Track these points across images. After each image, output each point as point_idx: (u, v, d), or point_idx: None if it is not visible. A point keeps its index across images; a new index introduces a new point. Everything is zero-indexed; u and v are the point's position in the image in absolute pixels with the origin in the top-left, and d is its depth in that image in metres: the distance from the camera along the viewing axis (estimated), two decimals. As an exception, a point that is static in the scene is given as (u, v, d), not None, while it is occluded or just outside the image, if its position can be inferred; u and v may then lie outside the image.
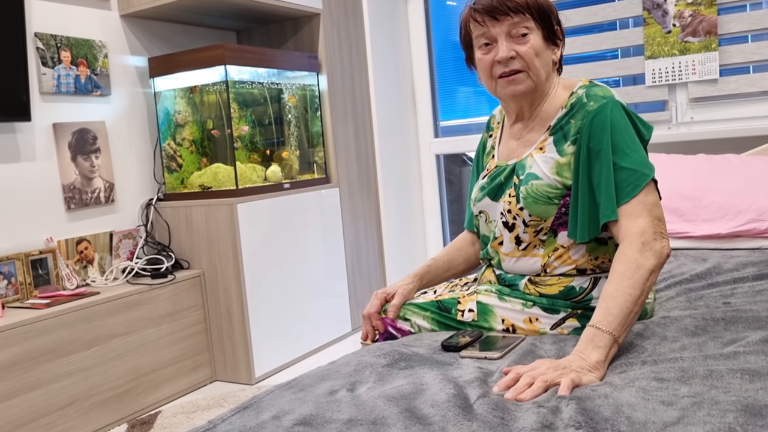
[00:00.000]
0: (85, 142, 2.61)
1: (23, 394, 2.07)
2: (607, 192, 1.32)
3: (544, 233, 1.41)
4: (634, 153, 1.33)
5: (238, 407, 1.14)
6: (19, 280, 2.35)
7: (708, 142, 2.90)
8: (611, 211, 1.31)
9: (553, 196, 1.38)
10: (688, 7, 2.86)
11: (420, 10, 3.71)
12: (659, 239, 1.28)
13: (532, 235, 1.41)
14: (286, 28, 3.26)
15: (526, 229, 1.42)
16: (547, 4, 1.41)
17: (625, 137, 1.34)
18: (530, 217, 1.40)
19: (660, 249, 1.27)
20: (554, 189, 1.37)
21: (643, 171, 1.32)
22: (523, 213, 1.41)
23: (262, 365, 2.73)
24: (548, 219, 1.39)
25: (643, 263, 1.25)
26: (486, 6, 1.39)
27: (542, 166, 1.39)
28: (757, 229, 2.20)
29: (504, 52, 1.38)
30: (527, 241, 1.42)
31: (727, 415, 0.93)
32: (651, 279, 1.26)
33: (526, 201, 1.39)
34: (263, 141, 3.00)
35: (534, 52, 1.38)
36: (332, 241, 3.15)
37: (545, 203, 1.38)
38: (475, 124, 3.68)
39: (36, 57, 2.45)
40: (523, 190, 1.40)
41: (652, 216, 1.30)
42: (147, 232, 2.83)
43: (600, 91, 1.39)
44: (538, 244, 1.42)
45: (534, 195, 1.38)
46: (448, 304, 1.51)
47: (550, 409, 1.01)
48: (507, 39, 1.39)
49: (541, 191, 1.38)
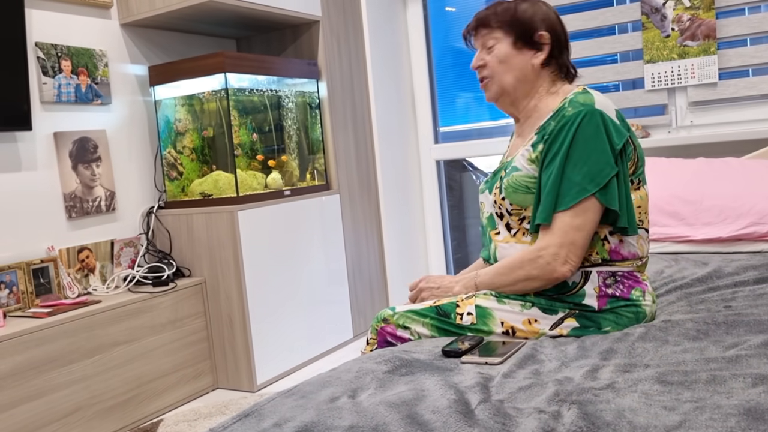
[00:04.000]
0: (85, 150, 2.62)
1: (25, 404, 2.07)
2: (547, 198, 1.42)
3: (527, 222, 1.50)
4: (586, 164, 1.40)
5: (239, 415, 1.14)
6: (21, 289, 2.35)
7: (708, 146, 2.90)
8: (544, 216, 1.43)
9: (530, 186, 1.48)
10: (686, 11, 2.86)
11: (419, 16, 3.72)
12: (555, 262, 1.40)
13: (517, 223, 1.51)
14: (285, 36, 3.26)
15: (511, 217, 1.52)
16: (523, 14, 1.54)
17: (585, 147, 1.40)
18: (511, 206, 1.51)
19: (548, 271, 1.41)
20: (531, 179, 1.47)
21: (585, 186, 1.40)
22: (505, 202, 1.51)
23: (263, 372, 2.72)
24: (528, 208, 1.49)
25: (527, 272, 1.44)
26: (467, 27, 1.62)
27: (521, 160, 1.51)
28: (758, 233, 2.20)
29: (474, 62, 1.59)
30: (515, 228, 1.52)
31: (729, 419, 0.93)
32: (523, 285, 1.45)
33: (507, 191, 1.51)
34: (263, 148, 3.01)
35: (497, 60, 1.54)
36: (333, 247, 3.15)
37: (523, 192, 1.48)
38: (475, 130, 3.68)
39: (37, 66, 2.46)
40: (506, 181, 1.51)
41: (566, 239, 1.40)
42: (148, 240, 2.83)
43: (582, 99, 1.45)
44: (525, 231, 1.51)
45: (513, 185, 1.49)
46: (447, 309, 1.52)
47: (552, 414, 1.01)
48: (481, 50, 1.58)
49: (520, 181, 1.49)
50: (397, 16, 3.69)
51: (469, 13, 3.62)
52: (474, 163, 3.84)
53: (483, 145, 3.59)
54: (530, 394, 1.12)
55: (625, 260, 1.47)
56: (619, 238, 1.47)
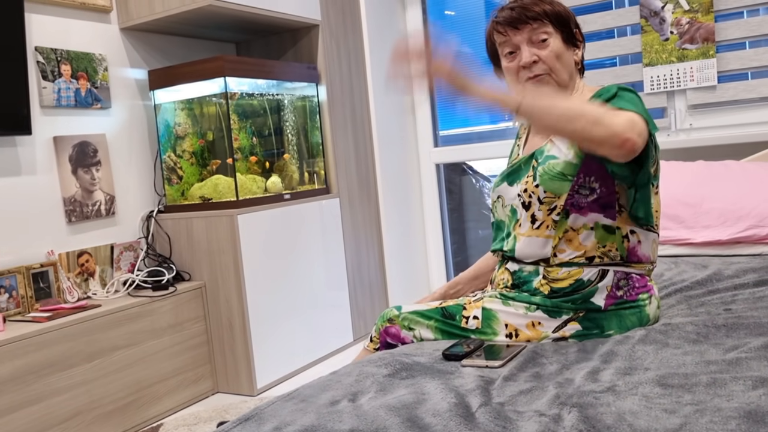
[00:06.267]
0: (85, 155, 2.62)
1: (25, 408, 2.07)
2: None
3: (557, 213, 1.45)
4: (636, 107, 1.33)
5: (239, 419, 1.13)
6: (21, 293, 2.35)
7: (707, 149, 2.90)
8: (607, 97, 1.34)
9: (567, 173, 1.44)
10: (685, 15, 2.87)
11: (419, 19, 3.73)
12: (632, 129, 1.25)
13: (545, 213, 1.47)
14: (285, 40, 3.27)
15: (540, 206, 1.47)
16: (564, 9, 1.51)
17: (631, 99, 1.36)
18: (545, 194, 1.46)
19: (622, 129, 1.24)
20: (569, 165, 1.44)
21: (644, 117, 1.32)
22: (539, 190, 1.47)
23: (263, 376, 2.72)
24: (562, 196, 1.45)
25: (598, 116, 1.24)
26: (507, 18, 1.50)
27: (560, 145, 1.47)
28: (758, 236, 2.20)
29: (527, 57, 1.48)
30: (541, 220, 1.47)
31: (729, 422, 0.93)
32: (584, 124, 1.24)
33: (542, 178, 1.46)
34: (263, 152, 3.01)
35: (554, 55, 1.48)
36: (333, 251, 3.15)
37: (560, 179, 1.44)
38: (475, 133, 3.68)
39: (36, 70, 2.46)
40: (540, 169, 1.47)
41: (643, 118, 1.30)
42: (148, 244, 2.83)
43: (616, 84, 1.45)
44: (550, 224, 1.46)
45: (550, 172, 1.46)
46: (453, 311, 1.51)
47: (552, 417, 1.01)
48: (529, 45, 1.49)
49: (557, 168, 1.45)
50: (397, 19, 3.69)
51: (468, 17, 3.63)
52: (474, 167, 3.85)
53: (483, 148, 3.59)
54: (531, 397, 1.12)
55: (640, 262, 1.48)
56: (638, 238, 1.47)
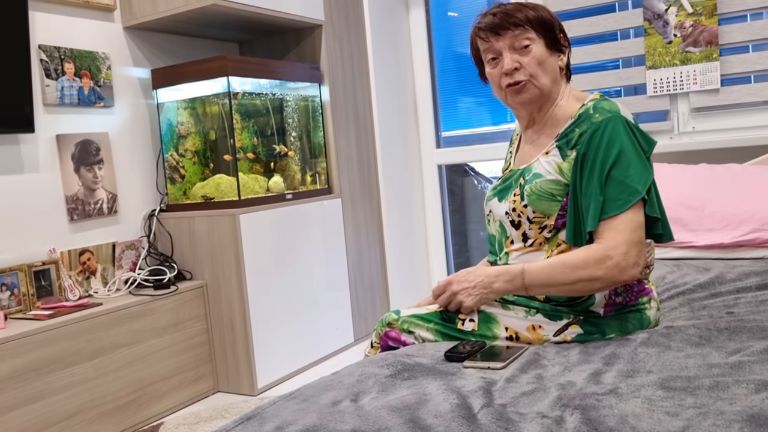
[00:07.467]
0: (88, 153, 2.62)
1: (26, 406, 2.07)
2: (595, 203, 1.37)
3: (548, 231, 1.45)
4: (630, 167, 1.37)
5: (240, 418, 1.13)
6: (22, 291, 2.35)
7: (710, 152, 2.90)
8: (594, 222, 1.37)
9: (556, 193, 1.43)
10: (689, 18, 2.86)
11: (422, 20, 3.73)
12: (626, 263, 1.34)
13: (537, 232, 1.46)
14: (288, 40, 3.27)
15: (531, 225, 1.46)
16: (548, 14, 1.49)
17: (623, 151, 1.37)
18: (534, 214, 1.45)
19: (617, 272, 1.34)
20: (557, 186, 1.43)
21: (636, 187, 1.36)
22: (527, 210, 1.46)
23: (264, 376, 2.72)
24: (551, 216, 1.44)
25: (591, 272, 1.35)
26: (489, 23, 1.48)
27: (546, 166, 1.45)
28: (760, 239, 2.20)
29: (508, 64, 1.47)
30: (533, 238, 1.47)
31: (732, 425, 0.93)
32: (583, 286, 1.36)
33: (530, 198, 1.45)
34: (265, 152, 3.01)
35: (537, 62, 1.46)
36: (334, 251, 3.15)
37: (548, 200, 1.43)
38: (476, 135, 3.68)
39: (40, 69, 2.47)
40: (528, 188, 1.47)
41: (634, 237, 1.35)
42: (149, 243, 2.83)
43: (608, 105, 1.44)
44: (543, 241, 1.46)
45: (537, 192, 1.44)
46: (452, 314, 1.51)
47: (555, 419, 1.01)
48: (511, 51, 1.47)
49: (545, 188, 1.44)
50: (400, 20, 3.69)
51: (472, 18, 3.63)
52: (476, 168, 3.84)
53: (485, 149, 3.59)
54: (533, 398, 1.12)
55: None
56: None
